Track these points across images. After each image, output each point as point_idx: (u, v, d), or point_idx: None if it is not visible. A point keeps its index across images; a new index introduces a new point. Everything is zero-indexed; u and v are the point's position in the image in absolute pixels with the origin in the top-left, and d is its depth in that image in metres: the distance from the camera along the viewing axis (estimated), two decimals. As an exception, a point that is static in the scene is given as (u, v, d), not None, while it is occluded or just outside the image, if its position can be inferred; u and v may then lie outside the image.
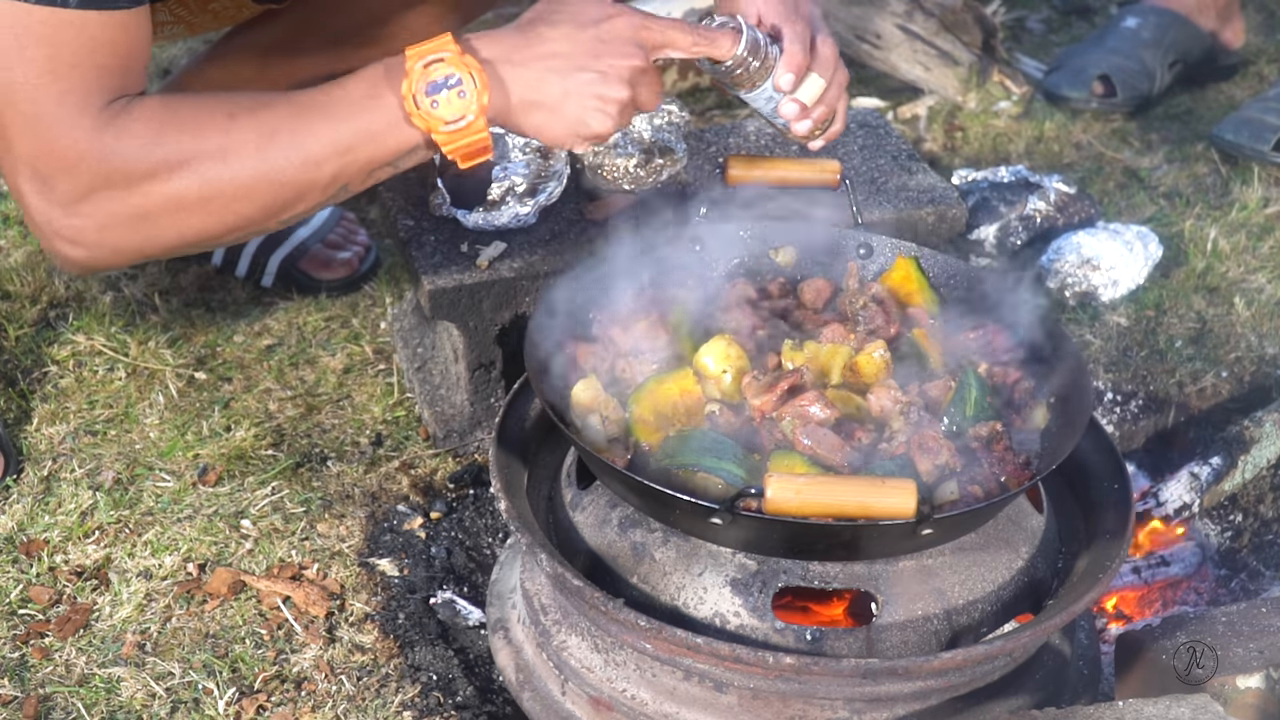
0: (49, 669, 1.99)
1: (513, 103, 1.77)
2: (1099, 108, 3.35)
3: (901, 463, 1.70)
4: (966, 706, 1.78)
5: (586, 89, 1.76)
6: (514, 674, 1.93)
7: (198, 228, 1.78)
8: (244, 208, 1.77)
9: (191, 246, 1.84)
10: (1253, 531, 2.33)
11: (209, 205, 1.75)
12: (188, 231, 1.78)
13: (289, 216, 1.81)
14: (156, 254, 1.88)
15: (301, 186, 1.77)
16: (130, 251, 1.82)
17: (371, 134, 1.75)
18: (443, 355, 2.46)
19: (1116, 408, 2.52)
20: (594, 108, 1.77)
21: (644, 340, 1.88)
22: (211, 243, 1.84)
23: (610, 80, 1.77)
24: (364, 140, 1.75)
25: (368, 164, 1.78)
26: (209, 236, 1.81)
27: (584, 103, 1.77)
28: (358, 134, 1.75)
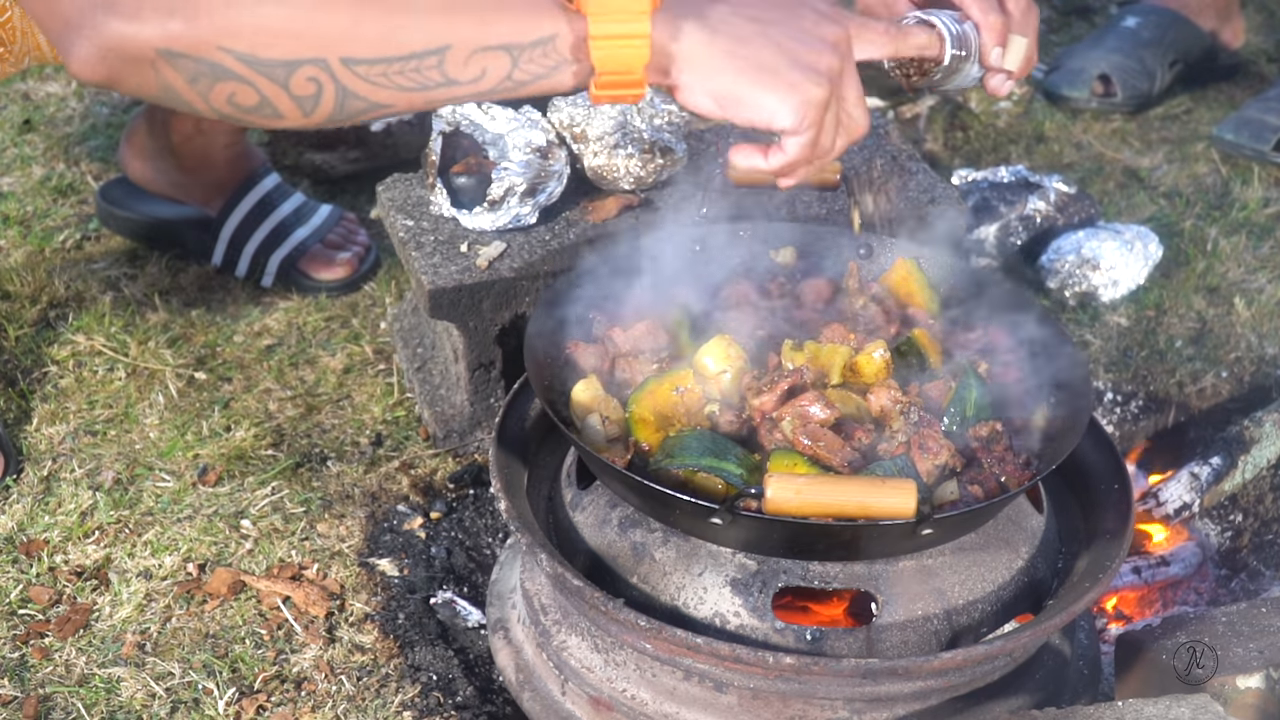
0: (49, 669, 1.99)
1: (691, 34, 1.51)
2: (1099, 108, 3.35)
3: (901, 463, 1.70)
4: (966, 706, 1.78)
5: (793, 49, 1.52)
6: (514, 674, 1.93)
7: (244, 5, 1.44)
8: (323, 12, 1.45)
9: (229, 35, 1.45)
10: (1253, 531, 2.33)
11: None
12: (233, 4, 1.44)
13: (353, 54, 1.46)
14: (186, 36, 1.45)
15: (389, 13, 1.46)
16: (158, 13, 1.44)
17: (501, 2, 1.48)
18: (443, 355, 2.46)
19: (1116, 408, 2.52)
20: (804, 67, 1.52)
21: (644, 340, 1.88)
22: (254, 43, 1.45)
23: (816, 45, 1.53)
24: (488, 2, 1.48)
25: (478, 33, 1.47)
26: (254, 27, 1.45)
27: (792, 61, 1.52)
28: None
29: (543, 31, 1.48)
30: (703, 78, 1.53)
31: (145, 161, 2.75)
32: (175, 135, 2.68)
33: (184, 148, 2.70)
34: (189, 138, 2.68)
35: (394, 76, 1.48)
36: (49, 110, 3.29)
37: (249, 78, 1.46)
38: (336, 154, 3.00)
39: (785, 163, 1.61)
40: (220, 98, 1.48)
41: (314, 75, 1.47)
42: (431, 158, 2.35)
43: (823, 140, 1.59)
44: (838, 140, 1.61)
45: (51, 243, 2.86)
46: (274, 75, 1.46)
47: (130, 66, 1.46)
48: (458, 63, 1.48)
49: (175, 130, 2.68)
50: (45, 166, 3.10)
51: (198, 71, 1.46)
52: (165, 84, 1.47)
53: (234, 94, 1.48)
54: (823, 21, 1.56)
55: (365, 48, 1.46)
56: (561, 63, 1.50)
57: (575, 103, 2.36)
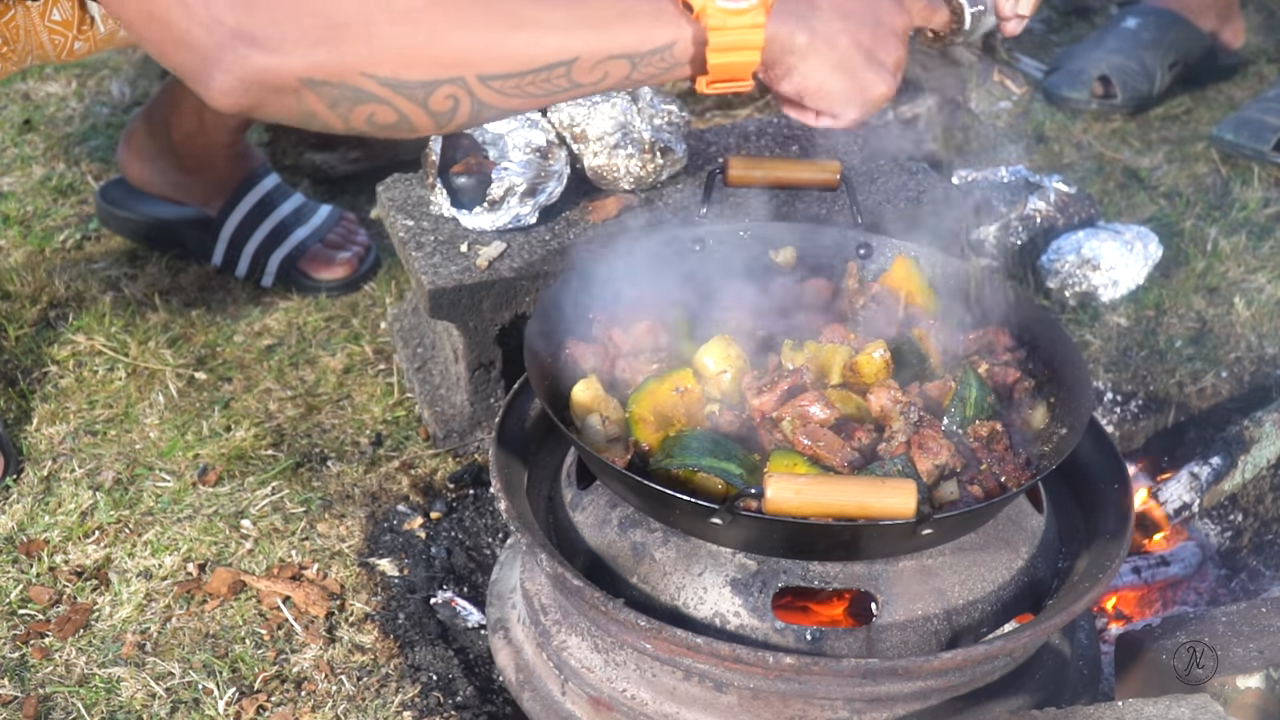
0: (49, 669, 1.99)
1: (797, 41, 1.60)
2: (1099, 108, 3.35)
3: (901, 463, 1.70)
4: (966, 706, 1.78)
5: (870, 46, 1.64)
6: (514, 674, 1.93)
7: (385, 33, 1.50)
8: (448, 26, 1.51)
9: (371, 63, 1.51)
10: (1253, 531, 2.33)
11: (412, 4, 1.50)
12: (373, 33, 1.50)
13: (490, 71, 1.54)
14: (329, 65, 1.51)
15: (525, 32, 1.53)
16: (302, 46, 1.50)
17: (625, 11, 1.56)
18: (443, 355, 2.46)
19: (1116, 408, 2.52)
20: (877, 65, 1.65)
21: (644, 340, 1.88)
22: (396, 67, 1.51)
23: (888, 38, 1.65)
24: (613, 15, 1.56)
25: (605, 44, 1.55)
26: (396, 53, 1.51)
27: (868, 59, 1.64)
28: (608, 5, 1.56)
29: (661, 40, 1.57)
30: (796, 73, 1.63)
31: (145, 163, 2.75)
32: (175, 135, 2.68)
33: (183, 148, 2.70)
34: (189, 138, 2.68)
35: (526, 87, 1.56)
36: (49, 110, 3.29)
37: (390, 99, 1.53)
38: (336, 154, 3.00)
39: (832, 126, 1.72)
40: (360, 118, 1.55)
41: (452, 93, 1.54)
42: (431, 158, 2.35)
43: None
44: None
45: (51, 243, 2.86)
46: (414, 96, 1.54)
47: (273, 95, 1.53)
48: (584, 71, 1.56)
49: (175, 131, 2.67)
50: (45, 166, 3.10)
51: (340, 96, 1.53)
52: (307, 109, 1.54)
53: (373, 114, 1.55)
54: (894, 11, 1.68)
55: (501, 64, 1.54)
56: (676, 65, 1.59)
57: (576, 102, 2.36)
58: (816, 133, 2.62)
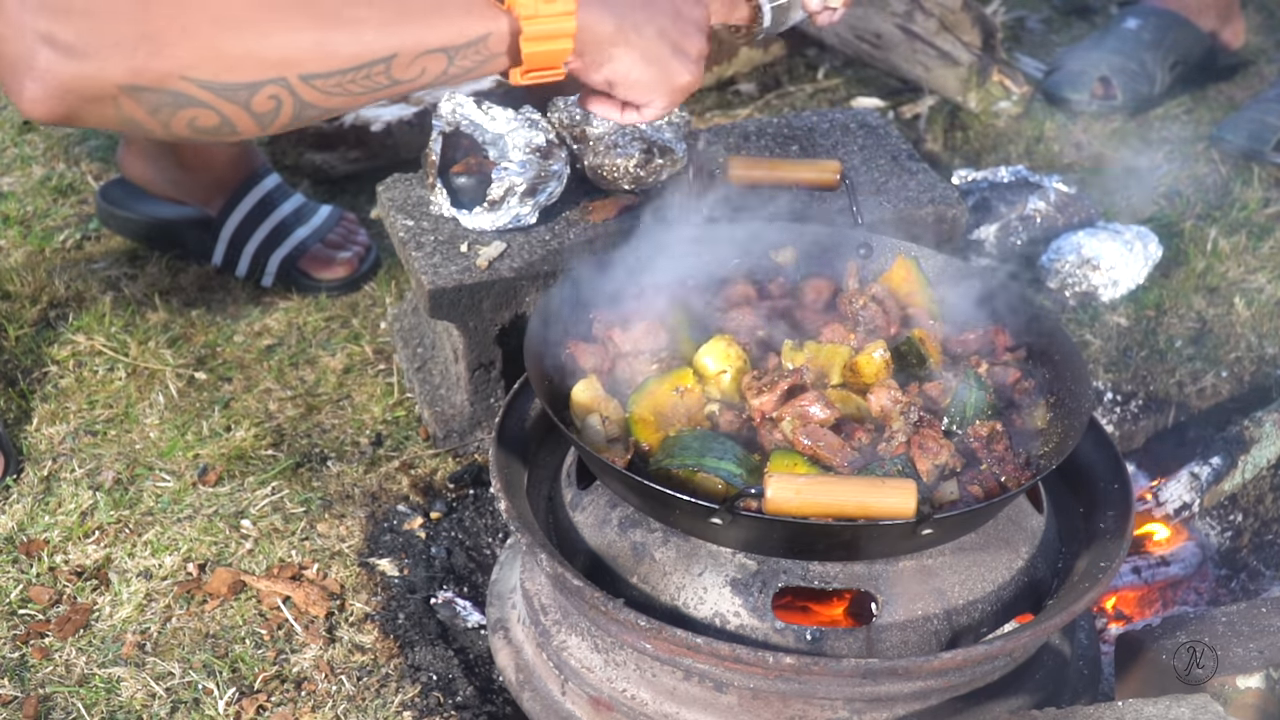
0: (49, 669, 1.99)
1: (606, 29, 1.65)
2: (1099, 109, 3.35)
3: (901, 463, 1.70)
4: (966, 706, 1.78)
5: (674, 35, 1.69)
6: (514, 674, 1.93)
7: (205, 37, 1.48)
8: (267, 27, 1.50)
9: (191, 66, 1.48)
10: (1253, 531, 2.33)
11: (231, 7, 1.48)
12: (192, 38, 1.47)
13: (310, 70, 1.53)
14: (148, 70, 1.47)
15: (343, 31, 1.53)
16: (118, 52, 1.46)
17: (438, 6, 1.58)
18: (443, 355, 2.46)
19: (1116, 408, 2.52)
20: (682, 55, 1.70)
21: (644, 340, 1.88)
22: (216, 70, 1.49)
23: (690, 28, 1.70)
24: (428, 10, 1.57)
25: (421, 40, 1.56)
26: (216, 57, 1.48)
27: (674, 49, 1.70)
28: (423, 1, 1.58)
29: (476, 32, 1.60)
30: (603, 61, 1.69)
31: (145, 162, 2.75)
32: None
33: (184, 148, 2.70)
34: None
35: (347, 85, 1.57)
36: (49, 110, 3.29)
37: (211, 103, 1.51)
38: (336, 154, 3.00)
39: (637, 121, 1.79)
40: (181, 123, 1.53)
41: (275, 94, 1.53)
42: (431, 158, 2.35)
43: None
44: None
45: (51, 243, 2.86)
46: (236, 98, 1.52)
47: (90, 104, 1.49)
48: (402, 67, 1.58)
49: (175, 131, 2.67)
50: (45, 166, 3.10)
51: (160, 102, 1.50)
52: (126, 116, 1.51)
53: (195, 118, 1.52)
54: (693, 4, 1.72)
55: (323, 63, 1.54)
56: (492, 57, 1.63)
57: (575, 103, 2.36)
58: (818, 132, 2.62)
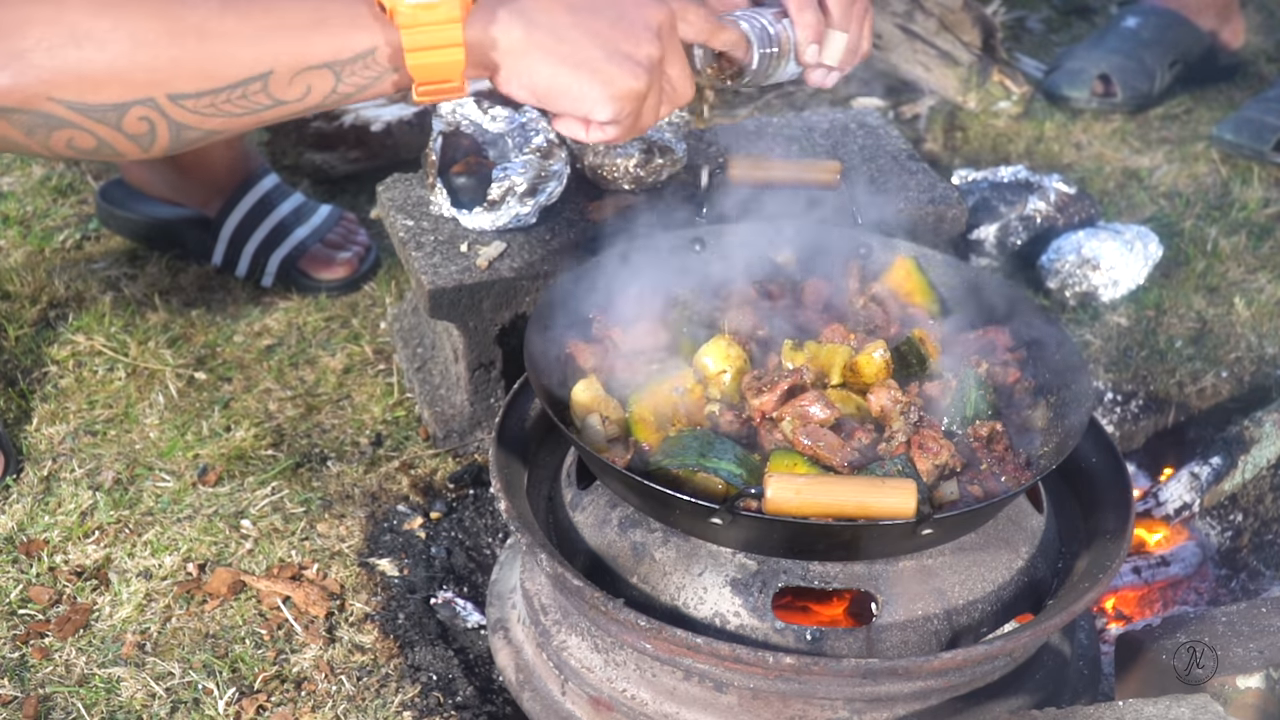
0: (49, 669, 1.99)
1: (512, 36, 1.52)
2: (1099, 107, 3.35)
3: (901, 463, 1.70)
4: (966, 706, 1.78)
5: (612, 38, 1.54)
6: (514, 674, 1.93)
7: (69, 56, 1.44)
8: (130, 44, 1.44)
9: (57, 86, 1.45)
10: (1253, 531, 2.33)
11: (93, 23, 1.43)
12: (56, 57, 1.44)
13: (179, 90, 1.47)
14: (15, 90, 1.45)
15: (211, 46, 1.46)
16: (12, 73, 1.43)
17: (318, 19, 1.48)
18: (443, 355, 2.46)
19: (1116, 408, 2.52)
20: (622, 58, 1.54)
21: (644, 340, 1.88)
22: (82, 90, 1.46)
23: (637, 30, 1.55)
24: (306, 24, 1.47)
25: (300, 55, 1.47)
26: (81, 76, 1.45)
27: (610, 52, 1.54)
28: (299, 9, 1.47)
29: (361, 46, 1.49)
30: (520, 71, 1.55)
31: (143, 166, 2.75)
32: None
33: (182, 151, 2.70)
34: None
35: (222, 105, 1.49)
36: (49, 110, 3.29)
37: (83, 124, 1.48)
38: (336, 154, 3.00)
39: (605, 140, 1.63)
40: (60, 143, 1.50)
41: (145, 115, 1.49)
42: (431, 158, 2.35)
43: (644, 119, 1.62)
44: (661, 111, 1.64)
45: (51, 243, 2.86)
46: (106, 119, 1.48)
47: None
48: (282, 85, 1.49)
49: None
50: (45, 166, 3.10)
51: (33, 123, 1.47)
52: (3, 136, 1.49)
53: (72, 139, 1.50)
54: (645, 4, 1.57)
55: (190, 82, 1.47)
56: (383, 73, 1.51)
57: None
58: (818, 132, 2.62)
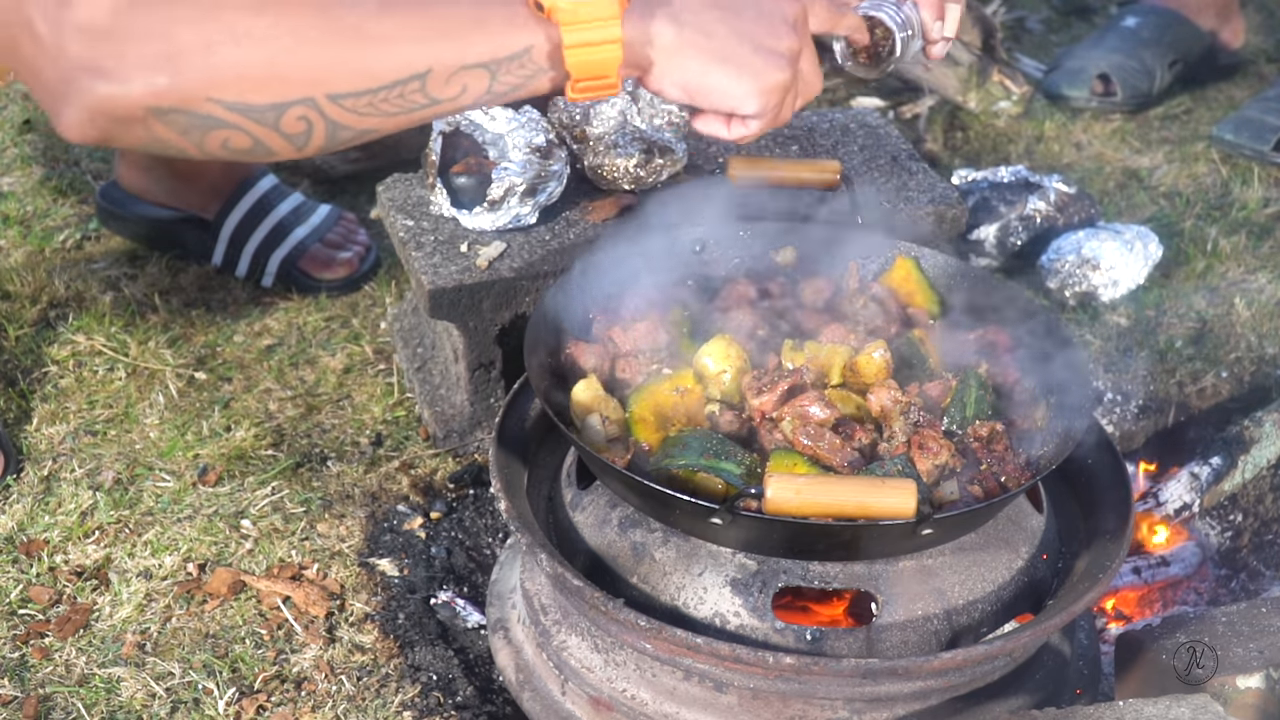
0: (49, 669, 1.99)
1: (665, 36, 1.55)
2: (1099, 107, 3.35)
3: (901, 463, 1.70)
4: (966, 706, 1.78)
5: (756, 33, 1.57)
6: (514, 674, 1.93)
7: (229, 57, 1.44)
8: (291, 44, 1.45)
9: (216, 87, 1.45)
10: (1253, 531, 2.33)
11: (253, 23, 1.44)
12: (216, 57, 1.44)
13: (338, 89, 1.48)
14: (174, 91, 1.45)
15: (371, 46, 1.47)
16: (144, 73, 1.44)
17: (477, 18, 1.49)
18: (443, 355, 2.46)
19: (1116, 408, 2.52)
20: (767, 52, 1.58)
21: (644, 340, 1.88)
22: (242, 90, 1.47)
23: (777, 24, 1.58)
24: (465, 23, 1.49)
25: (458, 54, 1.49)
26: (241, 76, 1.45)
27: (756, 47, 1.57)
28: (457, 9, 1.49)
29: (519, 45, 1.51)
30: (672, 69, 1.57)
31: (139, 171, 2.75)
32: None
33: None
34: None
35: (379, 104, 1.50)
36: (49, 110, 3.29)
37: (240, 124, 1.48)
38: (336, 154, 3.00)
39: (747, 135, 1.67)
40: (214, 144, 1.50)
41: (303, 114, 1.49)
42: (431, 158, 2.35)
43: (784, 113, 1.66)
44: (796, 104, 1.67)
45: (51, 243, 2.86)
46: (264, 119, 1.48)
47: (121, 126, 1.47)
48: (439, 83, 1.50)
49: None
50: (45, 166, 3.10)
51: (189, 124, 1.47)
52: (157, 137, 1.49)
53: (228, 139, 1.50)
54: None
55: (349, 82, 1.48)
56: (538, 71, 1.53)
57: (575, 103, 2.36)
58: (818, 132, 2.62)
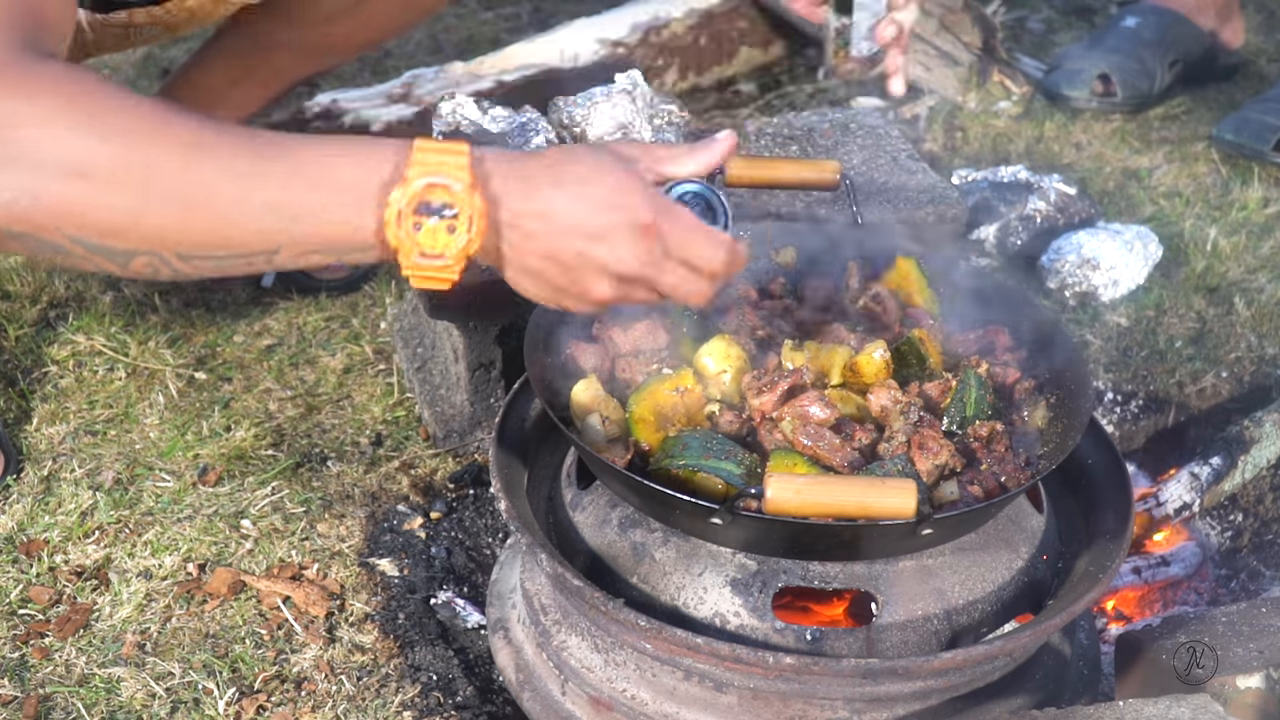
0: (49, 669, 1.99)
1: (503, 256, 1.58)
2: (1099, 107, 3.35)
3: (901, 463, 1.70)
4: (966, 706, 1.78)
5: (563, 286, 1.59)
6: (514, 674, 1.93)
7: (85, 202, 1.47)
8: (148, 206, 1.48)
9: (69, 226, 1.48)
10: (1253, 531, 2.33)
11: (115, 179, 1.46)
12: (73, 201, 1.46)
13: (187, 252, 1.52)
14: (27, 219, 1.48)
15: (225, 227, 1.50)
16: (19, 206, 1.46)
17: (329, 215, 1.50)
18: (443, 355, 2.46)
19: (1116, 408, 2.52)
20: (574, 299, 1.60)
21: (644, 340, 1.88)
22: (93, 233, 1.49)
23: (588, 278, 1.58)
24: (316, 213, 1.49)
25: (306, 242, 1.52)
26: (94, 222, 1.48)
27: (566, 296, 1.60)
28: (315, 205, 1.49)
29: (365, 245, 1.52)
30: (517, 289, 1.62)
31: None
32: None
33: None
34: None
35: (226, 268, 1.55)
36: (49, 110, 3.29)
37: (88, 257, 1.52)
38: (336, 154, 3.00)
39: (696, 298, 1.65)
40: (61, 263, 1.57)
41: (151, 262, 1.53)
42: (431, 158, 2.34)
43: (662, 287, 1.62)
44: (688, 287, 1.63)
45: (51, 243, 2.86)
46: (113, 258, 1.52)
47: None
48: (285, 260, 1.54)
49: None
50: (45, 166, 3.10)
51: (40, 247, 1.51)
52: (8, 248, 1.53)
53: (74, 264, 1.54)
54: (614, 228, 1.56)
55: (199, 247, 1.52)
56: (380, 256, 1.54)
57: (575, 103, 2.36)
58: (818, 132, 2.62)
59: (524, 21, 3.87)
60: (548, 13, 3.90)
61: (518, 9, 3.94)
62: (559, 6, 3.92)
